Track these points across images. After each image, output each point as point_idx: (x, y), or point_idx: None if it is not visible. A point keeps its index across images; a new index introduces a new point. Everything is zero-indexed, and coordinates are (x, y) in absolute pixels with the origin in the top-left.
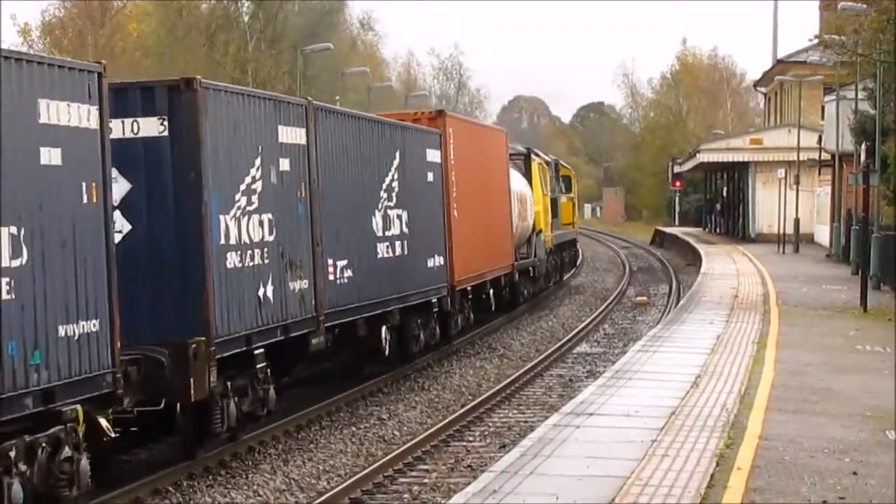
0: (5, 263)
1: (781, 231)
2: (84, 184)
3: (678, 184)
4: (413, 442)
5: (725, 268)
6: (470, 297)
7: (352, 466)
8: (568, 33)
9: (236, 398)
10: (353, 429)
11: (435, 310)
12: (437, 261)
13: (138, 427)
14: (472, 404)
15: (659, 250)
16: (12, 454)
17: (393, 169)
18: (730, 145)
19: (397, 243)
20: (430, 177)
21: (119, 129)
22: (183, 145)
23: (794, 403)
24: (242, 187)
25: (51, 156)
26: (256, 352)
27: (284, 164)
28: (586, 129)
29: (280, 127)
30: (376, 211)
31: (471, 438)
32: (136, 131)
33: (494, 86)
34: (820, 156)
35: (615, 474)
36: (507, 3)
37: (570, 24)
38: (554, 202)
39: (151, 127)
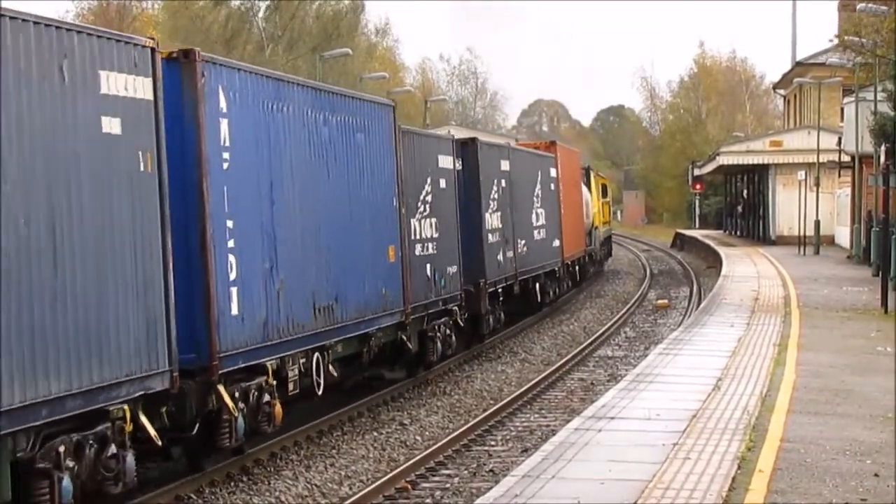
0: (434, 236)
1: (802, 233)
2: (454, 197)
3: (698, 187)
4: (435, 447)
5: (746, 270)
6: (569, 269)
7: (374, 472)
8: (583, 35)
9: (493, 314)
10: (375, 434)
11: (557, 276)
12: (555, 243)
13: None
14: (494, 408)
15: (679, 253)
16: (436, 328)
17: (538, 182)
18: (749, 148)
19: (542, 230)
20: (552, 186)
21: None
22: (469, 175)
23: (815, 405)
24: (491, 196)
25: (441, 183)
26: (499, 290)
27: (503, 183)
28: (606, 132)
29: (501, 161)
30: (532, 209)
31: (493, 443)
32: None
33: (511, 88)
34: (840, 157)
35: (637, 478)
36: (521, 6)
37: (585, 26)
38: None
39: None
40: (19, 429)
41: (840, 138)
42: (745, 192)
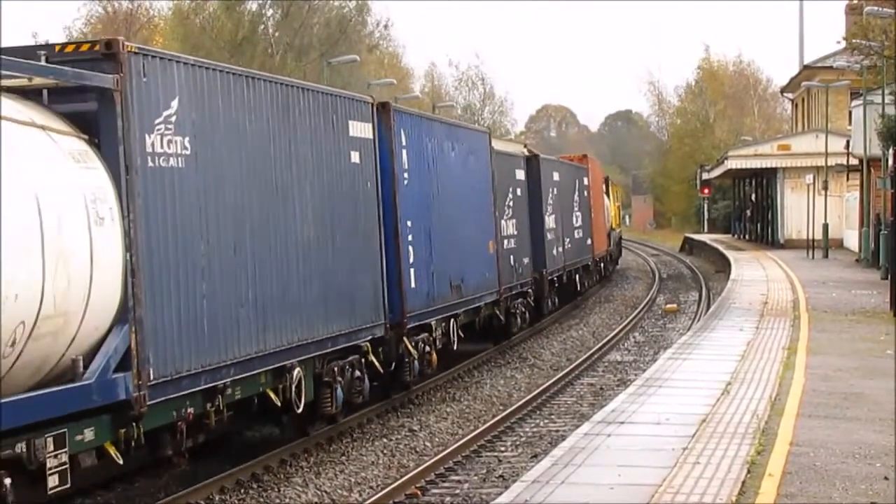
0: (514, 233)
1: (810, 237)
2: (525, 202)
3: (706, 191)
4: (445, 453)
5: (755, 274)
6: (597, 264)
7: (384, 478)
8: (588, 39)
9: (550, 298)
10: (385, 440)
11: (589, 269)
12: (587, 241)
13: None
14: (504, 414)
15: (688, 257)
16: (516, 306)
17: (576, 190)
18: (758, 151)
19: (580, 230)
20: (585, 193)
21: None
22: (533, 184)
23: (824, 409)
24: (548, 202)
25: (518, 191)
26: (554, 278)
27: (555, 191)
28: (614, 137)
29: (553, 172)
30: (573, 213)
31: (502, 448)
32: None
33: (517, 92)
34: (848, 161)
35: (647, 482)
36: (525, 8)
37: (590, 30)
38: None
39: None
40: (318, 354)
41: (848, 141)
42: (753, 195)
